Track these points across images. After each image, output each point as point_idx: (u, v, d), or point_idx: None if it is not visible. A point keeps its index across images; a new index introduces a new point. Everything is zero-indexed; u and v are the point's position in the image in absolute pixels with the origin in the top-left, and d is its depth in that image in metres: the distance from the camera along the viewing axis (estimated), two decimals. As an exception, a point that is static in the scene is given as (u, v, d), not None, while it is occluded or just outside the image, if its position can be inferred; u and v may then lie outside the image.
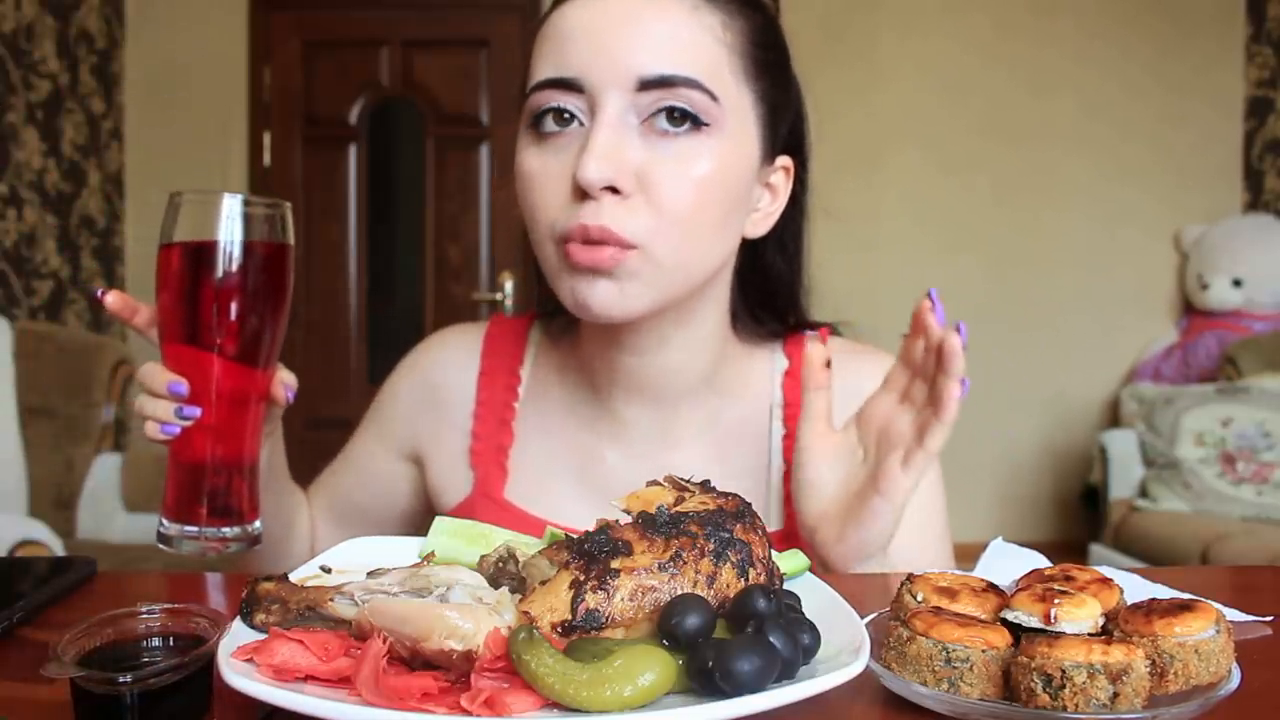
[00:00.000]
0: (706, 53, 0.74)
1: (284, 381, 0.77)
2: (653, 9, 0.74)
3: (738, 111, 0.76)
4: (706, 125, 0.74)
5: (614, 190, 0.72)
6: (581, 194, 0.72)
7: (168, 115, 3.95)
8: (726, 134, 0.75)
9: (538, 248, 0.78)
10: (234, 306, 0.70)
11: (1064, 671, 0.44)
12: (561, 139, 0.75)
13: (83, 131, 3.70)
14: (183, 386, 0.70)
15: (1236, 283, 3.75)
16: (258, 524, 0.75)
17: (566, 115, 0.75)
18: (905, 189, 3.99)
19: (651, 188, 0.73)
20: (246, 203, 0.69)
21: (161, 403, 0.71)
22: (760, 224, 0.83)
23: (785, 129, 0.84)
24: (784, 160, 0.83)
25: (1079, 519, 3.88)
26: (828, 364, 0.74)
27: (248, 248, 0.69)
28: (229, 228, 0.69)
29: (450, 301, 3.93)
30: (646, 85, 0.72)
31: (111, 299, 0.75)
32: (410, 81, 3.91)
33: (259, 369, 0.73)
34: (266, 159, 3.97)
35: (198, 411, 0.70)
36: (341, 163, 3.95)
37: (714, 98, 0.74)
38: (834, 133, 0.87)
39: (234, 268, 0.69)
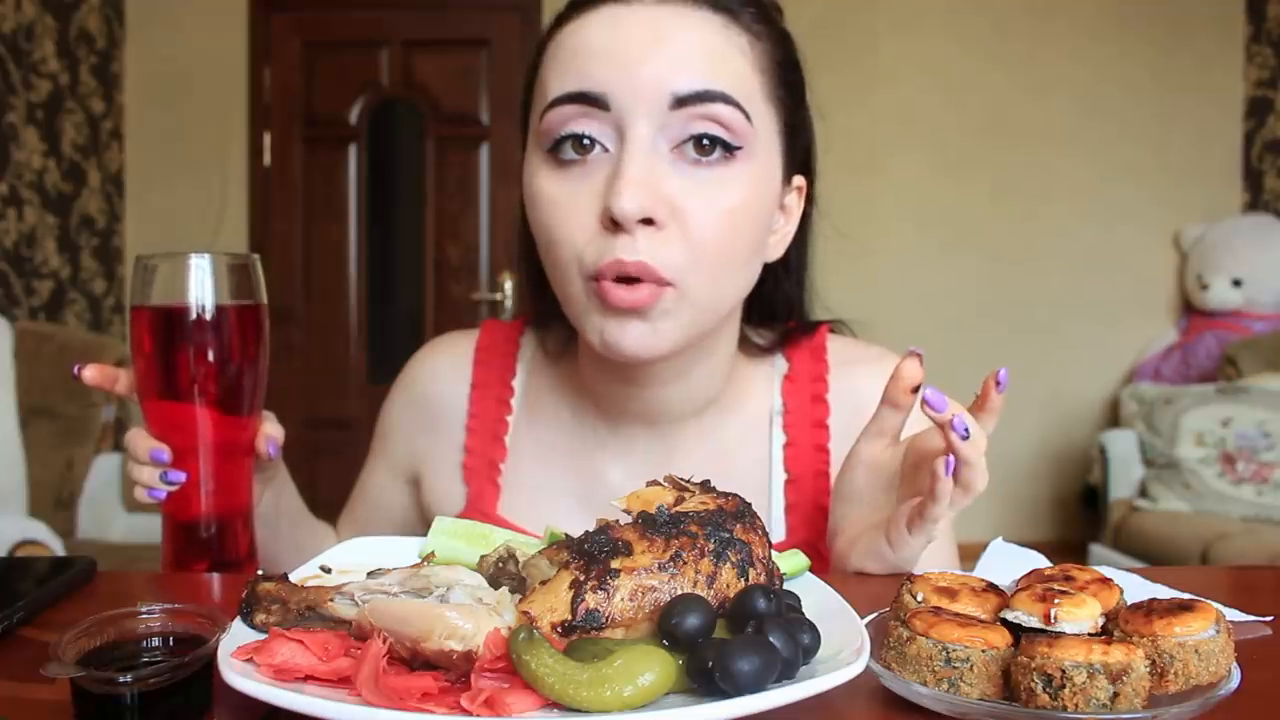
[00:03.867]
0: (739, 69, 0.71)
1: (269, 435, 0.76)
2: (682, 25, 0.70)
3: (765, 134, 0.73)
4: (739, 149, 0.70)
5: (648, 221, 0.68)
6: (613, 225, 0.68)
7: (168, 115, 3.95)
8: (756, 159, 0.72)
9: (561, 281, 0.73)
10: (208, 365, 0.70)
11: (1064, 671, 0.43)
12: (584, 166, 0.70)
13: (83, 131, 3.70)
14: (164, 454, 0.70)
15: (1236, 283, 3.75)
16: (259, 574, 0.76)
17: (587, 141, 0.70)
18: (904, 189, 3.99)
19: (684, 219, 0.69)
20: (215, 261, 0.70)
21: (146, 468, 0.71)
22: (777, 247, 0.80)
23: (801, 150, 0.81)
24: (798, 180, 0.81)
25: (1079, 519, 3.88)
26: (915, 389, 0.66)
27: (218, 307, 0.70)
28: (198, 289, 0.70)
29: (450, 301, 3.93)
30: (681, 101, 0.68)
31: (89, 373, 0.74)
32: (410, 81, 3.91)
33: (241, 420, 0.73)
34: (266, 159, 3.97)
35: (183, 476, 0.71)
36: (341, 163, 3.96)
37: (748, 116, 0.70)
38: (832, 133, 0.86)
39: (206, 328, 0.70)
